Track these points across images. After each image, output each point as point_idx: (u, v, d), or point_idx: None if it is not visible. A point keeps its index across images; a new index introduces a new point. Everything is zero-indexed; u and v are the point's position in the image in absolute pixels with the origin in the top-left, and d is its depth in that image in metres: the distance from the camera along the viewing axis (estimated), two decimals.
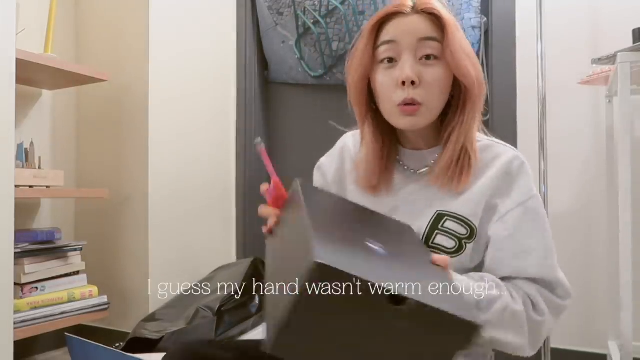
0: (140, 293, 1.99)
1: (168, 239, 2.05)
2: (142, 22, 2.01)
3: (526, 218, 0.81)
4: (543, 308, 0.79)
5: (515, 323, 0.77)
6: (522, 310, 0.77)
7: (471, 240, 0.83)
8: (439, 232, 0.83)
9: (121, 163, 2.05)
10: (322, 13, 2.23)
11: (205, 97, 2.25)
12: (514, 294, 0.78)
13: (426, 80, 0.80)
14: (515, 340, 0.77)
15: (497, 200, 0.82)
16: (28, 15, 1.95)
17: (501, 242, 0.82)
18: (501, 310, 0.75)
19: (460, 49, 0.80)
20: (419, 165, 0.88)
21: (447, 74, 0.81)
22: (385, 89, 0.83)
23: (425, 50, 0.80)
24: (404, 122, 0.82)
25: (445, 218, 0.83)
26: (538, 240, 0.81)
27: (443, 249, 0.83)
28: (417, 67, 0.80)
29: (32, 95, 2.02)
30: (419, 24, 0.81)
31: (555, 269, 0.81)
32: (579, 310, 1.77)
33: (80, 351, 0.81)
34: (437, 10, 0.81)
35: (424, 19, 0.81)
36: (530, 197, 0.82)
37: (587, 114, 1.80)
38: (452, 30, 0.80)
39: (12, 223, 1.37)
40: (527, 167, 0.84)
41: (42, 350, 2.01)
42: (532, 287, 0.80)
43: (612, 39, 1.69)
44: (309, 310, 0.54)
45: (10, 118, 1.37)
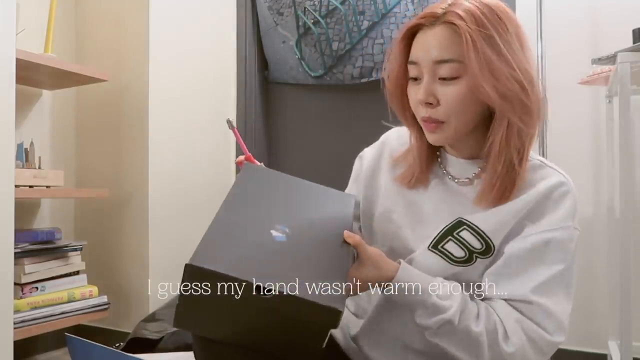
0: (140, 293, 1.99)
1: (168, 239, 2.05)
2: (142, 22, 2.01)
3: (546, 246, 0.77)
4: (514, 338, 0.75)
5: (467, 342, 0.76)
6: (479, 331, 0.75)
7: (485, 256, 0.80)
8: (452, 238, 0.82)
9: (121, 163, 2.05)
10: (322, 13, 2.23)
11: (205, 97, 2.25)
12: (481, 313, 0.77)
13: (442, 100, 0.77)
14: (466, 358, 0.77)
15: (527, 221, 0.79)
16: (28, 15, 1.95)
17: (508, 260, 0.79)
18: (446, 322, 0.75)
19: (479, 67, 0.73)
20: (458, 174, 0.86)
21: (469, 91, 0.76)
22: (413, 104, 0.83)
23: (441, 71, 0.77)
24: (428, 137, 0.82)
25: (464, 227, 0.81)
26: (546, 270, 0.77)
27: (450, 255, 0.82)
28: (436, 86, 0.78)
29: (32, 95, 2.02)
30: (438, 41, 0.76)
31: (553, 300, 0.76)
32: (579, 310, 1.77)
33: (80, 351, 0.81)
34: (458, 24, 0.74)
35: (447, 33, 0.76)
36: (561, 227, 0.78)
37: (587, 114, 1.80)
38: (470, 46, 0.73)
39: (12, 223, 1.37)
40: (571, 196, 0.80)
41: (42, 350, 2.01)
42: (510, 313, 0.77)
43: (612, 39, 1.69)
44: (191, 301, 0.66)
45: (10, 118, 1.37)
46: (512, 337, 0.76)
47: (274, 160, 2.46)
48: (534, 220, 0.79)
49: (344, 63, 2.21)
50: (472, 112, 0.79)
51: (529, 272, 0.77)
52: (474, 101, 0.77)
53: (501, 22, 0.76)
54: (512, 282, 0.78)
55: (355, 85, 2.20)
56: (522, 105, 0.76)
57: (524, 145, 0.79)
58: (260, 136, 2.44)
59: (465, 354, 0.77)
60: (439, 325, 0.76)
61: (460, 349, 0.77)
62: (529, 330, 0.76)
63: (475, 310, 0.77)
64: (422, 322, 0.77)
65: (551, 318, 0.76)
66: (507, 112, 0.76)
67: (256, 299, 0.64)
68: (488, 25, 0.74)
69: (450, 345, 0.77)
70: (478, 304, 0.79)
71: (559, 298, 0.77)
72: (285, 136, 2.45)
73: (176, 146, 2.10)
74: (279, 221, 0.77)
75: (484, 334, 0.75)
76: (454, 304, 0.76)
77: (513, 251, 0.78)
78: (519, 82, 0.75)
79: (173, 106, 2.09)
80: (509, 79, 0.74)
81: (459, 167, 0.86)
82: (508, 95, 0.75)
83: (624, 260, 1.32)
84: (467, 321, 0.76)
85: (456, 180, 0.86)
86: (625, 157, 1.33)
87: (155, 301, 1.97)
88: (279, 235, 0.73)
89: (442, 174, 0.87)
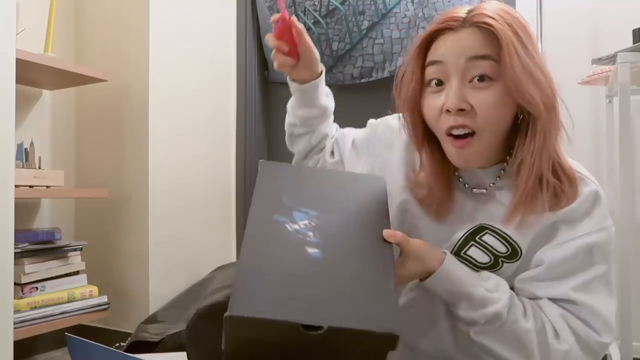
0: (140, 293, 1.99)
1: (168, 239, 2.05)
2: (142, 22, 2.00)
3: (590, 250, 0.73)
4: (565, 336, 0.72)
5: (515, 340, 0.72)
6: (529, 328, 0.71)
7: (512, 260, 0.77)
8: (474, 244, 0.78)
9: (121, 163, 2.05)
10: (322, 13, 2.23)
11: (205, 97, 2.25)
12: (528, 311, 0.73)
13: (478, 107, 0.70)
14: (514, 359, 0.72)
15: (562, 225, 0.75)
16: (28, 15, 1.95)
17: (548, 267, 0.74)
18: (494, 316, 0.71)
19: (521, 69, 0.68)
20: (477, 184, 0.80)
21: (505, 96, 0.70)
22: (431, 116, 0.74)
23: (475, 70, 0.70)
24: (455, 157, 0.74)
25: (486, 231, 0.77)
26: (589, 273, 0.73)
27: (474, 261, 0.78)
28: (466, 91, 0.70)
29: (32, 95, 2.02)
30: (470, 40, 0.70)
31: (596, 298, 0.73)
32: None
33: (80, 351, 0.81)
34: (491, 24, 0.69)
35: (477, 33, 0.70)
36: (599, 229, 0.74)
37: (587, 114, 1.80)
38: (509, 46, 0.68)
39: (12, 223, 1.36)
40: (602, 197, 0.75)
41: (42, 350, 2.01)
42: (555, 310, 0.73)
43: (612, 39, 1.69)
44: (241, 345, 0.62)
45: (10, 118, 1.37)
46: (562, 334, 0.72)
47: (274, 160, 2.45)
48: (570, 225, 0.74)
49: (344, 63, 2.21)
50: (505, 123, 0.73)
51: (570, 277, 0.74)
52: (508, 109, 0.72)
53: (526, 29, 0.72)
54: (552, 284, 0.74)
55: (355, 85, 2.20)
56: (556, 116, 0.72)
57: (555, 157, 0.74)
58: (260, 136, 2.44)
59: (513, 354, 0.72)
60: (486, 319, 0.71)
61: (507, 348, 0.72)
62: (577, 328, 0.72)
63: (521, 306, 0.74)
64: (468, 316, 0.72)
65: (597, 317, 0.72)
66: (547, 123, 0.71)
67: (306, 336, 0.59)
68: (518, 30, 0.70)
69: (497, 344, 0.72)
70: (523, 301, 0.75)
71: (603, 297, 0.73)
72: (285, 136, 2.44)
73: (176, 146, 2.10)
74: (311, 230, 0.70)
75: (533, 331, 0.71)
76: (503, 297, 0.72)
77: (554, 258, 0.74)
78: (553, 92, 0.72)
79: (173, 106, 2.09)
80: (547, 88, 0.71)
81: (475, 176, 0.80)
82: (549, 104, 0.71)
83: (624, 261, 1.33)
84: (515, 316, 0.72)
85: (474, 190, 0.80)
86: (625, 157, 1.33)
87: (155, 301, 1.97)
88: (314, 252, 0.67)
89: (458, 182, 0.82)
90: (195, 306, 1.83)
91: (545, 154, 0.72)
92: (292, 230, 0.70)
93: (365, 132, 0.98)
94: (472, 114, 0.71)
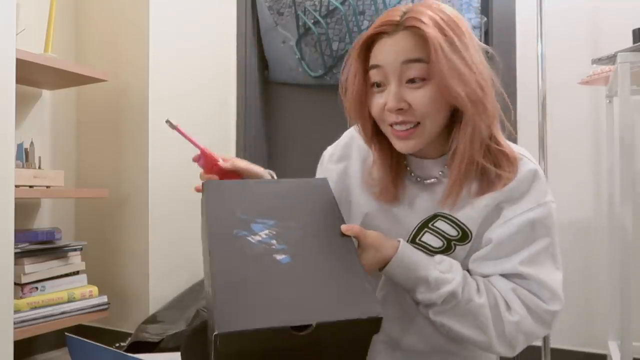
0: (140, 293, 1.99)
1: (168, 239, 2.05)
2: (142, 22, 2.01)
3: (531, 225, 0.79)
4: (516, 308, 0.77)
5: (472, 316, 0.77)
6: (482, 303, 0.76)
7: (463, 242, 0.83)
8: (428, 230, 0.84)
9: (121, 163, 2.05)
10: (323, 13, 2.23)
11: (205, 97, 2.25)
12: (481, 287, 0.79)
13: (414, 104, 0.77)
14: (473, 335, 0.77)
15: (505, 204, 0.81)
16: (28, 15, 1.95)
17: (496, 245, 0.80)
18: (450, 295, 0.76)
19: (447, 69, 0.73)
20: (426, 175, 0.87)
21: (437, 93, 0.77)
22: (376, 113, 0.82)
23: (410, 72, 0.76)
24: (399, 146, 0.81)
25: (438, 218, 0.83)
26: (533, 247, 0.79)
27: (428, 247, 0.84)
28: (404, 91, 0.77)
29: (32, 95, 2.02)
30: (403, 44, 0.76)
31: (542, 270, 0.79)
32: (579, 310, 1.77)
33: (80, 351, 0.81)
34: (421, 27, 0.74)
35: (410, 36, 0.76)
36: (540, 205, 0.80)
37: (587, 114, 1.80)
38: (437, 48, 0.73)
39: (12, 223, 1.37)
40: (540, 174, 0.82)
41: (42, 350, 2.01)
42: (506, 284, 0.79)
43: (612, 39, 1.69)
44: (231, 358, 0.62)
45: (10, 118, 1.37)
46: (513, 306, 0.77)
47: (274, 160, 2.46)
48: (512, 204, 0.80)
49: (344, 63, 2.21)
50: (443, 114, 0.79)
51: (517, 252, 0.79)
52: (443, 104, 0.78)
53: (458, 27, 0.77)
54: (501, 261, 0.80)
55: None
56: (484, 108, 0.77)
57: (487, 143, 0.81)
58: (260, 136, 2.44)
59: (471, 330, 0.77)
60: (443, 299, 0.76)
61: (466, 325, 0.77)
62: (526, 299, 0.78)
63: (475, 284, 0.79)
64: (425, 298, 0.77)
65: (544, 287, 0.78)
66: (474, 115, 0.77)
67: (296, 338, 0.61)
68: (448, 30, 0.75)
69: (455, 322, 0.78)
70: (476, 279, 0.81)
71: (548, 268, 0.79)
72: (285, 136, 2.45)
73: (176, 146, 2.10)
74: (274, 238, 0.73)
75: (487, 306, 0.77)
76: (457, 277, 0.77)
77: (500, 236, 0.80)
78: (480, 84, 0.77)
79: (173, 106, 2.09)
80: (474, 83, 0.76)
81: (425, 167, 0.87)
82: (474, 98, 0.76)
83: (624, 261, 1.32)
84: (469, 294, 0.77)
85: (425, 181, 0.86)
86: (625, 157, 1.33)
87: (155, 301, 1.97)
88: (283, 258, 0.70)
89: (410, 176, 0.88)
90: (195, 306, 1.83)
91: (475, 142, 0.78)
92: (256, 242, 0.72)
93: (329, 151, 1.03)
94: (410, 110, 0.77)
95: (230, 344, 0.60)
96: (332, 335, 0.63)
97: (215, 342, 0.59)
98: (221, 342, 0.59)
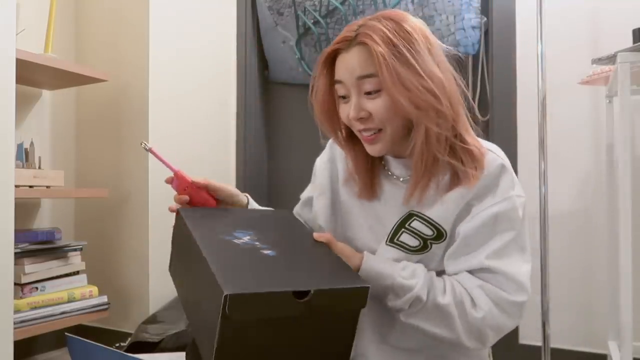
0: (140, 293, 1.99)
1: (168, 239, 2.04)
2: (142, 22, 2.01)
3: (495, 219, 0.82)
4: (481, 304, 0.80)
5: (438, 315, 0.80)
6: (447, 303, 0.80)
7: (439, 241, 0.86)
8: (405, 230, 0.87)
9: (121, 163, 2.05)
10: (322, 13, 2.23)
11: (205, 97, 2.25)
12: (447, 287, 0.82)
13: (373, 113, 0.83)
14: (442, 333, 0.81)
15: (474, 202, 0.84)
16: (28, 15, 1.95)
17: (463, 240, 0.83)
18: (414, 299, 0.80)
19: (392, 81, 0.79)
20: (401, 173, 0.91)
21: (391, 101, 0.82)
22: (345, 120, 0.88)
23: (365, 86, 0.82)
24: (369, 149, 0.88)
25: (414, 218, 0.87)
26: (498, 240, 0.82)
27: (406, 246, 0.87)
28: (363, 101, 0.83)
29: (32, 95, 2.02)
30: (356, 60, 0.82)
31: (508, 263, 0.82)
32: (579, 310, 1.77)
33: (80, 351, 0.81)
34: (368, 43, 0.80)
35: (362, 51, 0.82)
36: (504, 199, 0.83)
37: (587, 114, 1.80)
38: (381, 63, 0.79)
39: (12, 223, 1.36)
40: (507, 169, 0.85)
41: (42, 350, 2.01)
42: (473, 281, 0.82)
43: (612, 39, 1.69)
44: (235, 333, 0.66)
45: (10, 118, 1.37)
46: (478, 303, 0.81)
47: (274, 160, 2.46)
48: (479, 200, 0.83)
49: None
50: (402, 119, 0.84)
51: (483, 246, 0.82)
52: (398, 110, 0.82)
53: (409, 35, 0.81)
54: (469, 257, 0.83)
55: None
56: (436, 112, 0.81)
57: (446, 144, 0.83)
58: (260, 136, 2.44)
59: (439, 328, 0.81)
60: (409, 303, 0.80)
61: (434, 325, 0.81)
62: (491, 293, 0.81)
63: (441, 285, 0.83)
64: (395, 305, 0.82)
65: (509, 280, 0.81)
66: (423, 120, 0.81)
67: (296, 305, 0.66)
68: (396, 42, 0.79)
69: (425, 323, 0.81)
70: (444, 279, 0.84)
71: (513, 260, 0.82)
72: (285, 136, 2.45)
73: (176, 146, 2.10)
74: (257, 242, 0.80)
75: (452, 304, 0.80)
76: (419, 281, 0.81)
77: (466, 231, 0.83)
78: (431, 90, 0.80)
79: (173, 106, 2.09)
80: (421, 90, 0.79)
81: (400, 166, 0.91)
82: (422, 105, 0.80)
83: (624, 260, 1.33)
84: (434, 296, 0.81)
85: (401, 179, 0.91)
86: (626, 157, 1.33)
87: (155, 301, 1.97)
88: (269, 252, 0.76)
89: (388, 175, 0.93)
90: None
91: (431, 142, 0.82)
92: (241, 243, 0.78)
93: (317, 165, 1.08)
94: (371, 118, 0.84)
95: (238, 307, 0.62)
96: (327, 304, 0.69)
97: (224, 305, 0.61)
98: (231, 304, 0.61)
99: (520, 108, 1.88)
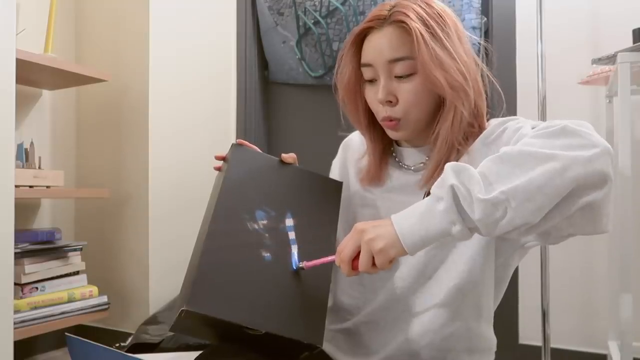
0: (140, 293, 1.99)
1: (168, 239, 2.05)
2: (142, 22, 2.01)
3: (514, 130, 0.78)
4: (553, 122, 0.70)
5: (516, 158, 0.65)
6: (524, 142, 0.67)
7: None
8: None
9: (121, 163, 2.05)
10: (323, 13, 2.23)
11: (205, 97, 2.25)
12: None
13: (402, 97, 0.82)
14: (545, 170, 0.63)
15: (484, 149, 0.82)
16: (28, 15, 1.95)
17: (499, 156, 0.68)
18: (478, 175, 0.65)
19: (429, 59, 0.78)
20: (412, 162, 0.91)
21: (423, 85, 0.81)
22: (372, 105, 0.88)
23: (396, 70, 0.82)
24: (390, 134, 0.88)
25: None
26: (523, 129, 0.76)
27: None
28: (393, 85, 0.83)
29: (32, 95, 2.02)
30: (390, 42, 0.81)
31: None
32: (579, 310, 1.77)
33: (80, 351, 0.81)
34: (406, 21, 0.79)
35: (395, 31, 0.81)
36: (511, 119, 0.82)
37: (587, 114, 1.80)
38: (419, 41, 0.78)
39: (12, 223, 1.37)
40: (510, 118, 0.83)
41: (42, 350, 2.01)
42: None
43: (612, 39, 1.69)
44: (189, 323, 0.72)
45: (10, 118, 1.37)
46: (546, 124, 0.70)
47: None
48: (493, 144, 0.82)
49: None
50: (427, 105, 0.84)
51: None
52: (427, 94, 0.82)
53: (441, 19, 0.81)
54: None
55: None
56: (466, 94, 0.81)
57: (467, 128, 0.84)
58: (260, 136, 2.44)
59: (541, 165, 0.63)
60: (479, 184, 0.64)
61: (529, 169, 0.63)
62: None
63: None
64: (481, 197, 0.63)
65: None
66: (456, 101, 0.81)
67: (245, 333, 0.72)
68: (431, 22, 0.80)
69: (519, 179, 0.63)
70: None
71: None
72: (285, 136, 2.45)
73: (176, 146, 2.10)
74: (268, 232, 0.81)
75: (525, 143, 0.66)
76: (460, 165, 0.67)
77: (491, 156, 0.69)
78: (462, 73, 0.80)
79: (173, 106, 2.09)
80: (455, 71, 0.80)
81: (411, 155, 0.91)
82: (456, 85, 0.80)
83: (624, 260, 1.32)
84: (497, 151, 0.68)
85: (413, 167, 0.91)
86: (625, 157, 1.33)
87: (155, 301, 1.97)
88: (266, 255, 0.78)
89: (399, 165, 0.93)
90: None
91: (455, 127, 0.82)
92: (252, 230, 0.80)
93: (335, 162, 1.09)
94: (398, 102, 0.83)
95: (191, 320, 0.70)
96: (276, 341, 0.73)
97: (180, 314, 0.68)
98: (185, 317, 0.69)
99: (520, 108, 1.88)
